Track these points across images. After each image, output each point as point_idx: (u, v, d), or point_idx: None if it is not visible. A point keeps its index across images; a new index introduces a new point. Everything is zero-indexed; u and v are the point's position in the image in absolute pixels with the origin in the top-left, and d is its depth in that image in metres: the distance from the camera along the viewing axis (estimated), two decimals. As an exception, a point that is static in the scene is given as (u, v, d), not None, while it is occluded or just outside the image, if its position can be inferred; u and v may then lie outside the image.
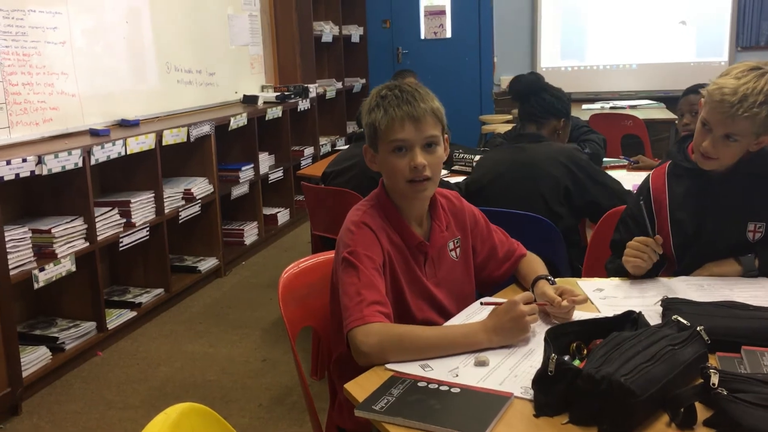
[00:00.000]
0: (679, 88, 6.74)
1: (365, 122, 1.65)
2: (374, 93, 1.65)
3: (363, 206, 1.67)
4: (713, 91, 1.72)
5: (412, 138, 1.59)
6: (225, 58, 5.24)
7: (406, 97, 1.60)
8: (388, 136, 1.59)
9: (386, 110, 1.59)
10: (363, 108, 1.67)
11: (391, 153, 1.60)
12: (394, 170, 1.60)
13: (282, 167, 5.38)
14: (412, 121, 1.58)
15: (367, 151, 1.69)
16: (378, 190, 1.70)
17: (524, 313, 1.45)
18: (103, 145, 3.45)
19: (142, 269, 4.02)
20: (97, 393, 3.09)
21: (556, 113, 2.75)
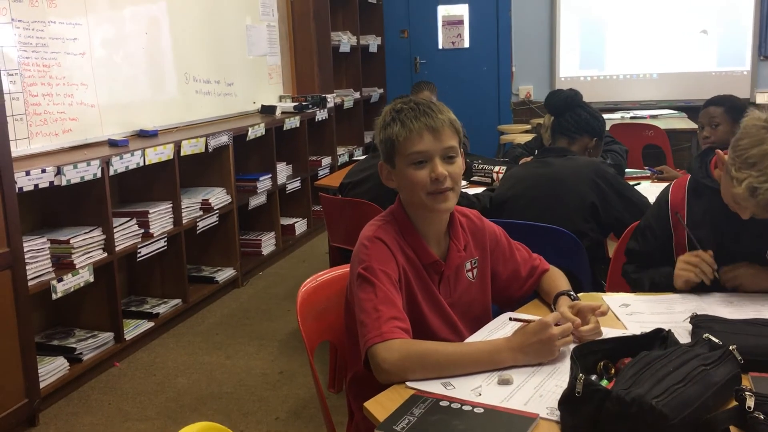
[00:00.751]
0: (701, 97, 6.69)
1: (380, 138, 1.62)
2: (387, 109, 1.63)
3: (378, 221, 1.64)
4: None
5: (432, 149, 1.56)
6: (243, 69, 5.25)
7: (423, 109, 1.57)
8: (407, 149, 1.56)
9: (403, 123, 1.56)
10: (377, 124, 1.64)
11: (410, 166, 1.57)
12: (413, 183, 1.57)
13: (299, 177, 5.37)
14: (431, 132, 1.55)
15: (383, 168, 1.65)
16: (395, 206, 1.66)
17: (554, 336, 1.41)
18: (121, 155, 3.46)
19: (160, 279, 4.01)
20: (114, 405, 3.08)
21: (591, 131, 2.72)
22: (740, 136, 1.63)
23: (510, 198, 2.64)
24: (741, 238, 1.77)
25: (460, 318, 1.66)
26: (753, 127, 1.61)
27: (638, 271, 1.99)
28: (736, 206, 1.68)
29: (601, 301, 1.76)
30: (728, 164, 1.63)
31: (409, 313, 1.55)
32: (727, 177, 1.66)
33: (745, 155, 1.59)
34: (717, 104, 3.24)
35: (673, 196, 1.90)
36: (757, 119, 1.61)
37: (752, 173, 1.57)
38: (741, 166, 1.59)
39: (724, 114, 3.18)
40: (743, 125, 1.63)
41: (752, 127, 1.61)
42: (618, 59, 7.00)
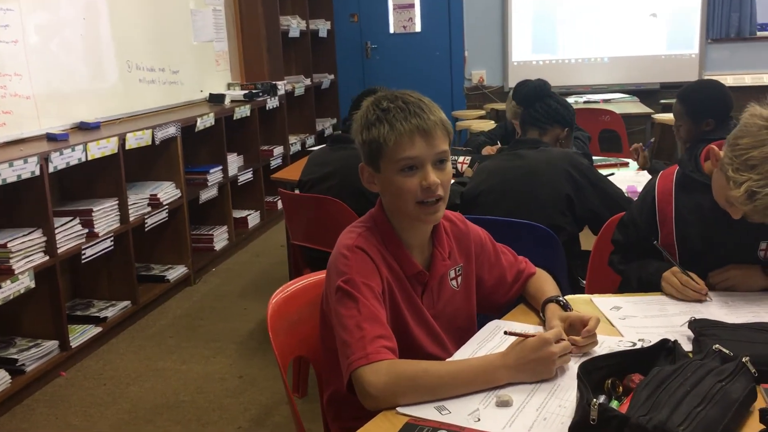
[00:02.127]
0: (651, 81, 6.81)
1: (363, 139, 1.46)
2: (370, 106, 1.47)
3: (357, 228, 1.50)
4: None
5: (423, 155, 1.42)
6: (188, 55, 5.01)
7: (413, 110, 1.42)
8: (396, 154, 1.41)
9: (392, 125, 1.41)
10: (357, 122, 1.48)
11: (398, 173, 1.42)
12: (401, 191, 1.43)
13: (251, 168, 5.18)
14: (423, 135, 1.41)
15: (364, 171, 1.50)
16: (375, 212, 1.53)
17: (554, 354, 1.30)
18: (61, 150, 3.22)
19: (107, 281, 3.79)
20: (61, 419, 2.88)
21: (561, 121, 2.64)
22: (739, 133, 1.53)
23: (482, 192, 2.53)
24: (731, 235, 1.69)
25: (444, 330, 1.54)
26: (754, 126, 1.51)
27: (624, 262, 1.91)
28: (728, 206, 1.60)
29: (591, 305, 1.67)
30: (725, 163, 1.54)
31: (394, 328, 1.42)
32: (720, 175, 1.58)
33: (745, 156, 1.49)
34: (679, 100, 3.00)
35: (660, 188, 1.82)
36: (759, 117, 1.51)
37: (752, 176, 1.48)
38: (740, 167, 1.50)
39: (684, 115, 3.00)
40: (743, 122, 1.53)
41: (753, 126, 1.51)
42: (570, 43, 6.98)
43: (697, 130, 2.94)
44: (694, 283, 1.64)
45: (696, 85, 3.11)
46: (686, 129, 2.99)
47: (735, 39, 6.71)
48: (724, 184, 1.56)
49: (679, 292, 1.65)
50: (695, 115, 2.95)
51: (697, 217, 1.74)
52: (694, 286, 1.64)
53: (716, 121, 2.92)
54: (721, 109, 2.93)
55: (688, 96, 2.99)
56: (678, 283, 1.65)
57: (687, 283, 1.64)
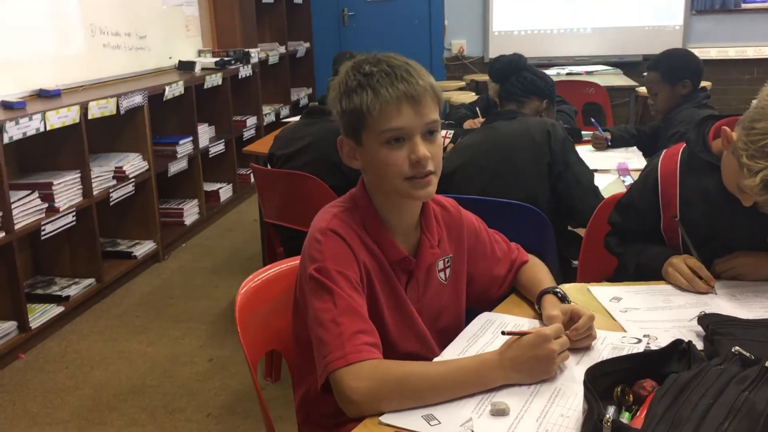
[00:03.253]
0: (635, 52, 6.67)
1: (341, 107, 1.29)
2: (350, 70, 1.29)
3: (333, 209, 1.34)
4: None
5: (412, 125, 1.25)
6: (157, 20, 4.76)
7: (400, 74, 1.25)
8: (381, 125, 1.25)
9: (376, 91, 1.24)
10: (335, 89, 1.31)
11: (384, 145, 1.26)
12: (388, 166, 1.26)
13: (223, 139, 4.97)
14: (411, 103, 1.24)
15: (344, 144, 1.34)
16: (356, 191, 1.36)
17: (553, 352, 1.17)
18: (17, 120, 3.01)
19: (69, 257, 3.61)
20: (19, 405, 2.71)
21: (539, 92, 2.51)
22: (756, 116, 1.38)
23: (457, 168, 2.40)
24: (739, 220, 1.57)
25: (429, 325, 1.40)
26: None
27: (622, 245, 1.78)
28: (739, 193, 1.47)
29: (588, 295, 1.55)
30: (738, 147, 1.40)
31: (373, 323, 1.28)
32: (732, 159, 1.44)
33: (763, 142, 1.35)
34: (653, 68, 3.08)
35: (664, 169, 1.68)
36: None
37: None
38: (755, 154, 1.36)
39: (661, 81, 3.04)
40: (760, 103, 1.38)
41: None
42: (552, 13, 6.80)
43: (674, 95, 3.02)
44: (706, 271, 1.52)
45: (667, 52, 3.18)
46: (664, 96, 3.07)
47: (720, 11, 6.59)
48: (735, 169, 1.42)
49: (688, 281, 1.52)
50: (671, 78, 3.01)
51: (704, 201, 1.61)
52: (705, 275, 1.51)
53: (692, 83, 3.01)
54: (695, 70, 3.05)
55: (661, 62, 3.08)
56: (688, 271, 1.53)
57: (699, 270, 1.52)
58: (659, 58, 3.10)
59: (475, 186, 2.30)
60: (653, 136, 3.13)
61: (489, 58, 6.84)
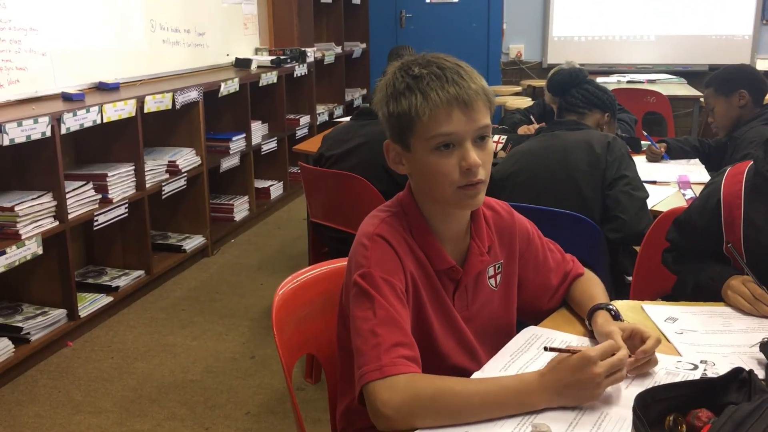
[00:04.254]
0: (699, 62, 6.45)
1: (388, 110, 1.23)
2: (398, 72, 1.24)
3: (381, 213, 1.29)
4: None
5: (462, 130, 1.19)
6: (216, 17, 4.81)
7: (451, 76, 1.19)
8: (431, 130, 1.19)
9: (425, 95, 1.18)
10: (382, 91, 1.25)
11: (433, 151, 1.20)
12: (437, 174, 1.21)
13: (276, 137, 4.99)
14: (462, 108, 1.19)
15: (390, 149, 1.28)
16: (404, 196, 1.31)
17: (598, 376, 1.09)
18: (75, 111, 3.06)
19: (121, 249, 3.66)
20: (64, 393, 2.75)
21: (601, 105, 2.43)
22: None
23: (511, 174, 2.33)
24: None
25: (478, 336, 1.34)
26: None
27: (680, 263, 1.69)
28: None
29: (641, 314, 1.47)
30: None
31: (416, 332, 1.23)
32: None
33: None
34: (707, 85, 3.01)
35: (727, 188, 1.58)
36: None
37: None
38: None
39: (715, 95, 2.94)
40: None
41: None
42: (614, 20, 6.64)
43: (731, 107, 2.92)
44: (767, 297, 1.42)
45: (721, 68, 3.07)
46: (720, 109, 2.99)
47: (792, 21, 6.34)
48: None
49: (751, 304, 1.43)
50: (724, 89, 2.92)
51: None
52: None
53: (750, 94, 2.90)
54: (751, 80, 2.94)
55: (714, 77, 3.01)
56: (749, 294, 1.43)
57: (762, 297, 1.42)
58: (713, 74, 3.04)
59: (529, 193, 2.22)
60: (719, 150, 3.00)
61: (547, 64, 6.72)
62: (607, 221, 2.15)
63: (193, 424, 2.54)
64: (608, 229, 2.12)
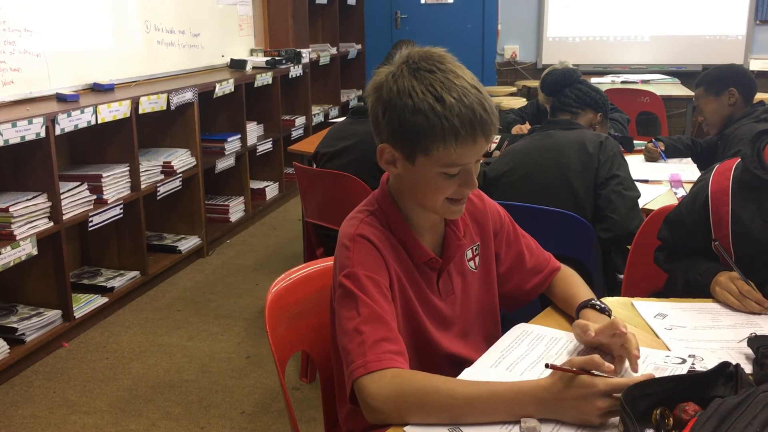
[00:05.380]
0: (693, 62, 6.48)
1: (402, 121, 1.19)
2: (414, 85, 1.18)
3: (360, 213, 1.31)
4: None
5: (474, 159, 1.23)
6: (211, 18, 4.82)
7: (477, 110, 1.17)
8: (451, 160, 1.19)
9: (453, 126, 1.16)
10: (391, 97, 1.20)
11: (440, 174, 1.22)
12: (436, 191, 1.24)
13: (271, 138, 5.00)
14: (482, 141, 1.20)
15: (386, 152, 1.26)
16: (379, 193, 1.33)
17: (599, 410, 1.05)
18: (69, 112, 3.07)
19: (116, 249, 3.66)
20: (59, 393, 2.76)
21: (593, 105, 2.45)
22: None
23: (505, 172, 2.34)
24: None
25: (466, 319, 1.37)
26: None
27: (671, 261, 1.71)
28: None
29: (632, 310, 1.48)
30: None
31: (407, 325, 1.25)
32: None
33: None
34: (697, 85, 3.03)
35: (715, 186, 1.60)
36: None
37: None
38: None
39: (705, 94, 2.96)
40: None
41: None
42: (608, 20, 6.67)
43: (722, 105, 2.94)
44: (756, 293, 1.44)
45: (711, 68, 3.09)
46: (710, 108, 3.01)
47: (785, 21, 6.37)
48: None
49: (738, 300, 1.44)
50: (714, 88, 2.94)
51: (759, 220, 1.52)
52: (756, 296, 1.43)
53: (739, 92, 2.91)
54: (739, 79, 2.95)
55: (704, 77, 3.02)
56: (737, 290, 1.45)
57: (748, 293, 1.44)
58: (702, 74, 3.05)
59: (522, 192, 2.24)
60: (711, 149, 3.02)
61: (542, 64, 6.73)
62: (599, 221, 2.16)
63: (188, 423, 2.55)
64: (600, 228, 2.13)
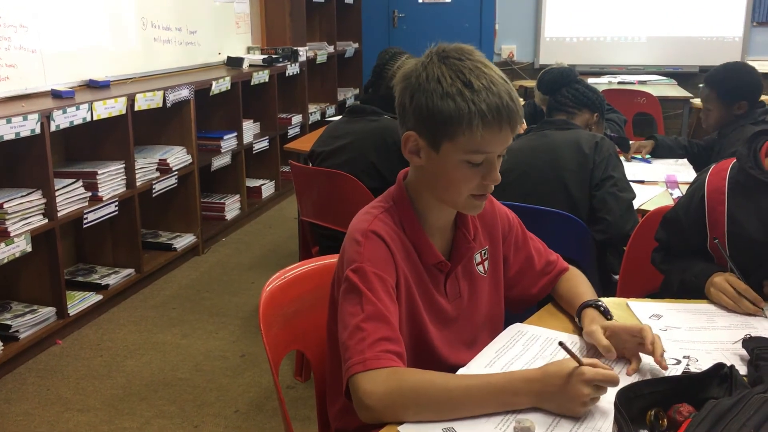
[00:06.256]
0: (690, 63, 6.48)
1: (430, 106, 1.19)
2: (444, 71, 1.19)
3: (375, 209, 1.29)
4: None
5: (499, 150, 1.22)
6: (208, 15, 4.81)
7: (506, 101, 1.17)
8: (477, 146, 1.19)
9: (480, 109, 1.16)
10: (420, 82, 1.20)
11: (464, 163, 1.21)
12: (460, 182, 1.23)
13: (267, 136, 4.99)
14: (508, 130, 1.20)
15: (410, 140, 1.25)
16: (395, 190, 1.32)
17: (584, 396, 1.07)
18: (65, 109, 3.05)
19: (111, 247, 3.65)
20: (53, 390, 2.75)
21: (590, 105, 2.46)
22: None
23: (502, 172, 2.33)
24: None
25: (473, 325, 1.37)
26: None
27: (667, 262, 1.71)
28: None
29: (626, 311, 1.48)
30: None
31: (410, 328, 1.25)
32: None
33: None
34: (711, 85, 2.94)
35: (711, 185, 1.60)
36: None
37: None
38: None
39: (717, 99, 2.92)
40: None
41: None
42: (606, 21, 6.67)
43: (729, 114, 2.90)
44: (752, 293, 1.44)
45: (726, 67, 3.00)
46: (717, 114, 2.95)
47: (782, 23, 6.38)
48: None
49: (733, 301, 1.44)
50: (727, 98, 2.89)
51: (754, 220, 1.52)
52: (752, 295, 1.43)
53: (749, 104, 2.88)
54: (753, 91, 2.91)
55: (719, 79, 2.93)
56: (732, 291, 1.45)
57: (745, 291, 1.44)
58: (718, 75, 2.93)
59: (518, 192, 2.24)
60: (707, 149, 3.02)
61: (539, 64, 6.73)
62: (594, 222, 2.16)
63: (182, 422, 2.54)
64: (594, 230, 2.13)
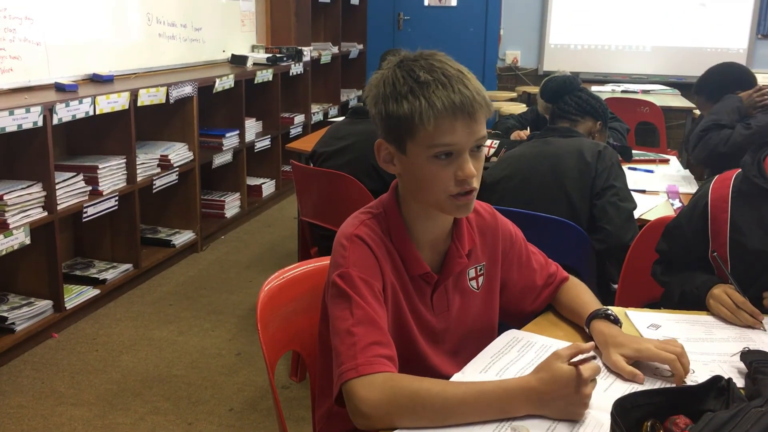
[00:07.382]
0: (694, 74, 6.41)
1: (386, 110, 1.20)
2: (399, 72, 1.20)
3: (363, 215, 1.29)
4: None
5: (463, 141, 1.18)
6: (213, 13, 4.81)
7: (457, 87, 1.17)
8: (433, 139, 1.17)
9: (431, 102, 1.16)
10: (378, 88, 1.23)
11: (431, 159, 1.19)
12: (432, 181, 1.20)
13: (270, 135, 4.99)
14: (466, 119, 1.17)
15: (382, 148, 1.26)
16: (386, 197, 1.31)
17: (587, 397, 1.09)
18: (68, 102, 3.05)
19: (110, 241, 3.65)
20: (47, 384, 2.74)
21: (593, 113, 2.45)
22: None
23: (503, 178, 2.34)
24: None
25: (458, 338, 1.35)
26: None
27: (668, 273, 1.70)
28: None
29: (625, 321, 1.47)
30: None
31: (398, 337, 1.23)
32: None
33: None
34: (698, 92, 3.00)
35: (715, 194, 1.59)
36: None
37: None
38: None
39: (707, 103, 2.94)
40: None
41: None
42: (611, 29, 6.66)
43: None
44: (750, 306, 1.43)
45: (707, 71, 3.07)
46: None
47: (787, 36, 6.38)
48: None
49: (732, 313, 1.44)
50: (714, 95, 2.93)
51: (757, 229, 1.52)
52: (750, 308, 1.43)
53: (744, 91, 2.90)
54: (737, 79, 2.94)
55: (702, 84, 3.01)
56: (731, 303, 1.44)
57: (743, 305, 1.43)
58: (700, 80, 3.02)
59: (519, 198, 2.23)
60: None
61: (543, 71, 6.73)
62: (594, 231, 2.16)
63: (176, 419, 2.53)
64: (594, 239, 2.13)
